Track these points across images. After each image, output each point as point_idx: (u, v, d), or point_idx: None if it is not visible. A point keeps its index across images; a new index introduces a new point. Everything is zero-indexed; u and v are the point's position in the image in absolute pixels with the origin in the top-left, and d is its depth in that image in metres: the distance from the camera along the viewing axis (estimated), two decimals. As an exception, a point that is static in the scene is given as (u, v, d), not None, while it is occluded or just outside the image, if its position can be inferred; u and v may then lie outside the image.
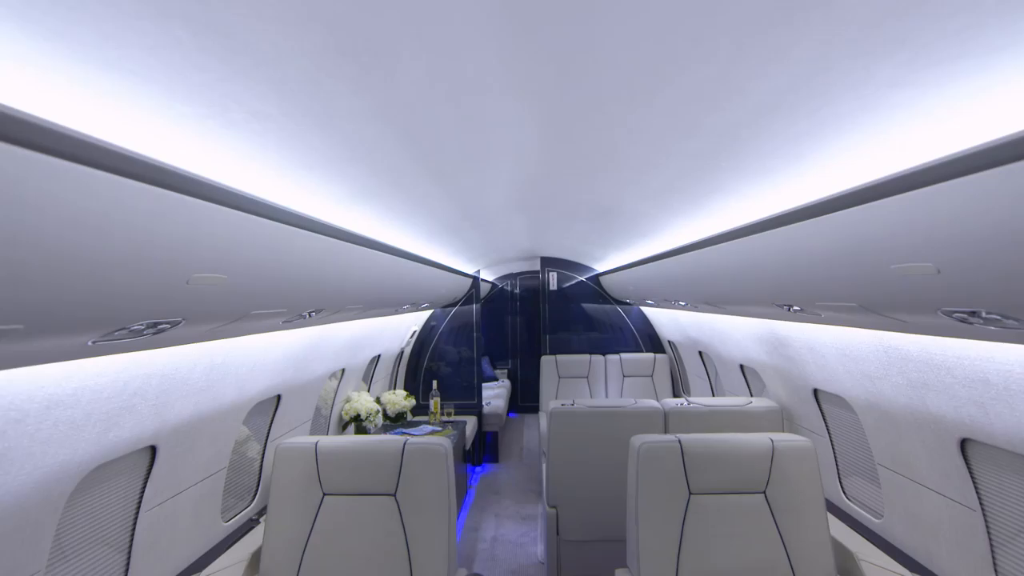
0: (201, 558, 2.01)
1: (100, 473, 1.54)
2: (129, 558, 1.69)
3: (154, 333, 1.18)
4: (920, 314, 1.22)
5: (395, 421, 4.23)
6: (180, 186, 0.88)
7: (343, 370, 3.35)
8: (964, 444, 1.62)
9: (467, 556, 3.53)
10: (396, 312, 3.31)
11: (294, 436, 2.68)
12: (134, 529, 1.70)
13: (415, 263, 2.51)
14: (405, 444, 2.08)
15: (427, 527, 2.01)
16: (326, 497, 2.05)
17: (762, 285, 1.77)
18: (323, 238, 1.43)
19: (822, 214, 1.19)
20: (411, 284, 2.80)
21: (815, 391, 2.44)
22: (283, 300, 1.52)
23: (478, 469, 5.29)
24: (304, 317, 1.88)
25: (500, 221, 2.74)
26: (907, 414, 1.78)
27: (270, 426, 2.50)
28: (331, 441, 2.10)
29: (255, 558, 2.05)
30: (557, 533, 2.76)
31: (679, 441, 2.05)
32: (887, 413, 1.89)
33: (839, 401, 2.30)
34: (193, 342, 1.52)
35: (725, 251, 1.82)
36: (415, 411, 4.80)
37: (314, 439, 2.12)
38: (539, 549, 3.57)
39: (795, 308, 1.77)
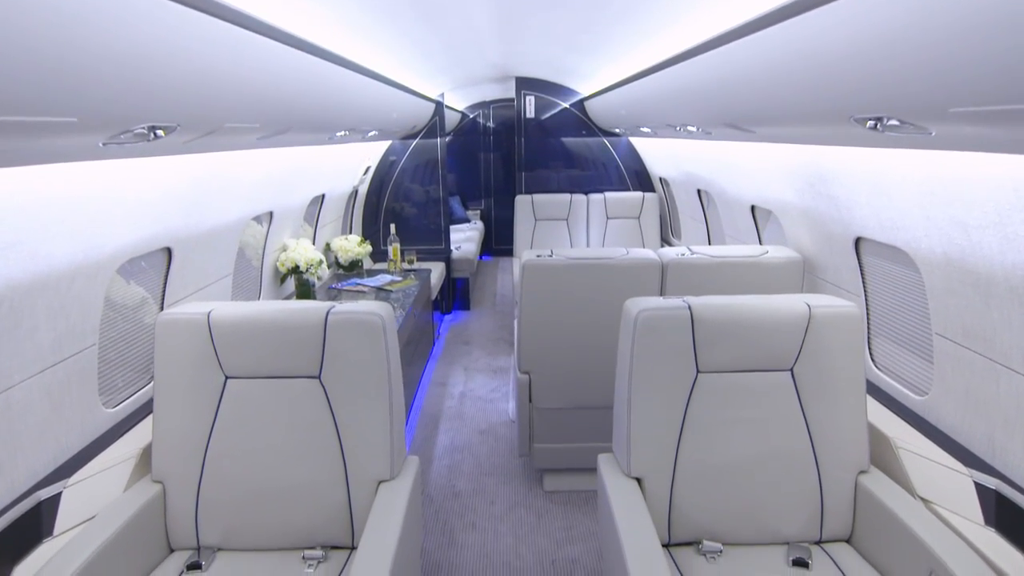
0: (78, 455, 1.57)
1: None
2: None
3: None
4: None
5: (349, 270, 3.73)
6: None
7: (271, 213, 2.73)
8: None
9: (433, 414, 3.27)
10: (329, 141, 2.60)
11: (201, 299, 2.15)
12: None
13: (340, 68, 1.77)
14: (328, 314, 1.57)
15: (362, 414, 1.58)
16: (229, 381, 1.58)
17: (852, 86, 1.13)
18: None
19: None
20: (342, 101, 2.07)
21: (857, 240, 1.93)
22: (58, 102, 0.85)
23: (448, 317, 4.96)
24: (147, 138, 1.22)
25: (454, 7, 1.95)
26: (1015, 275, 1.29)
27: (164, 289, 1.95)
28: (229, 311, 1.58)
29: (146, 454, 1.63)
30: (530, 400, 2.41)
31: (689, 308, 1.57)
32: (975, 273, 1.40)
33: (891, 254, 1.80)
34: None
35: (791, 32, 1.14)
36: (376, 258, 4.28)
37: (206, 307, 1.58)
38: (510, 406, 3.31)
39: (892, 122, 1.16)
